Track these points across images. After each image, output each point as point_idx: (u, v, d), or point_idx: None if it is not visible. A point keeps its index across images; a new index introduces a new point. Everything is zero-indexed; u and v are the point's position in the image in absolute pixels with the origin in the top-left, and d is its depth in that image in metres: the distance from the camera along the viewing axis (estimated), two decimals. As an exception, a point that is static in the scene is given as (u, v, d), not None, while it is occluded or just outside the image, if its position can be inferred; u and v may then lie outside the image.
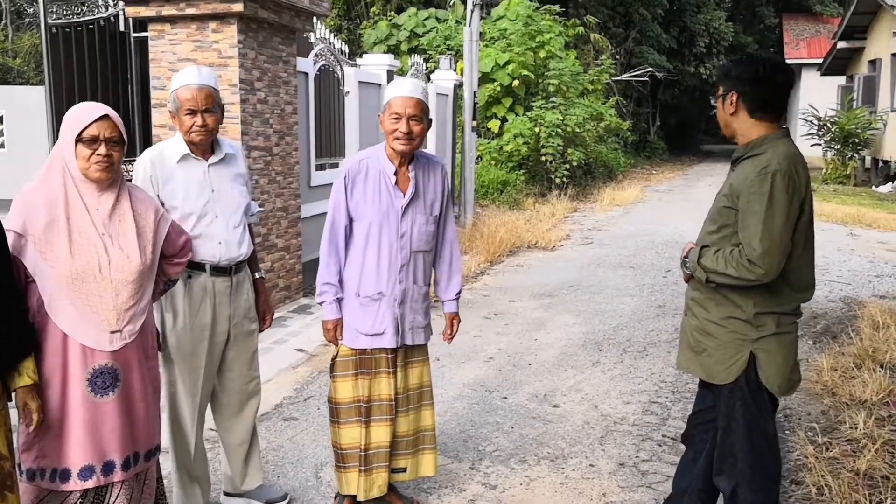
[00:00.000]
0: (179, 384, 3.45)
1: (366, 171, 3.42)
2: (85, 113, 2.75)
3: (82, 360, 2.70)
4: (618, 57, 25.71)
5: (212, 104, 3.32)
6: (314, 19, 7.76)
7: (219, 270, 3.43)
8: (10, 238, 2.62)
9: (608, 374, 5.82)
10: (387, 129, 3.36)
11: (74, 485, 2.69)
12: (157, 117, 6.69)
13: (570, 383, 5.61)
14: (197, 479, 3.59)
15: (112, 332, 2.75)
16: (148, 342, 2.98)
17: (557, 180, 16.83)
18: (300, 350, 6.28)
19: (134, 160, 3.13)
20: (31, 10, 24.90)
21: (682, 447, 3.45)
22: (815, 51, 30.51)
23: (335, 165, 9.37)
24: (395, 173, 3.41)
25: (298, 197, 7.65)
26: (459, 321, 3.77)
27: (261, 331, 3.73)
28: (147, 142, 6.93)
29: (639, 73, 26.13)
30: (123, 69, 7.01)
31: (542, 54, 17.67)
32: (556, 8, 19.47)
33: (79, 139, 2.71)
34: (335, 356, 3.55)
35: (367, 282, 3.44)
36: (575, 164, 17.15)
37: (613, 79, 23.22)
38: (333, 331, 3.51)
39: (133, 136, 7.02)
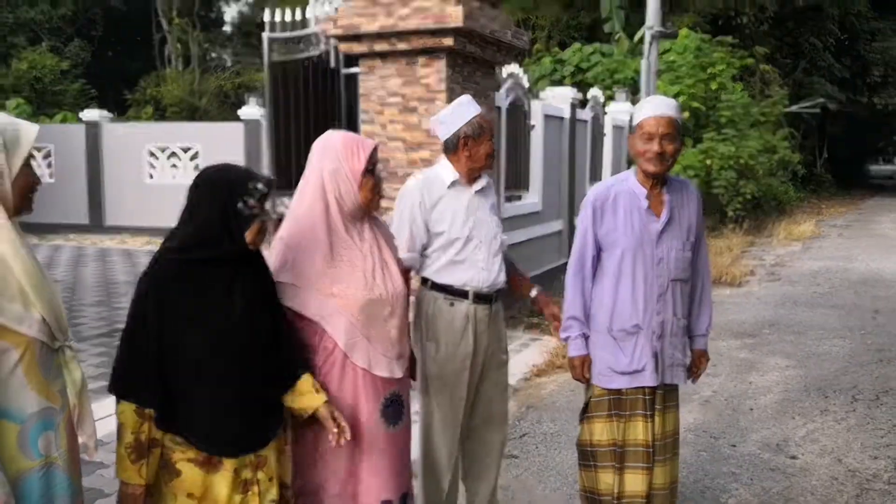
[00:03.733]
0: (436, 417, 3.37)
1: (615, 196, 3.20)
2: (361, 143, 2.71)
3: (375, 391, 2.67)
4: (785, 88, 24.62)
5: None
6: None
7: (480, 298, 3.36)
8: (283, 290, 2.56)
9: (842, 423, 5.38)
10: (638, 151, 3.13)
11: None
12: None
13: (801, 432, 5.22)
14: (445, 520, 3.49)
15: (397, 359, 2.73)
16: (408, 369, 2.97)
17: (731, 213, 16.17)
18: (504, 385, 6.16)
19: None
20: (214, 55, 26.64)
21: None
22: None
23: (519, 198, 9.31)
24: (648, 196, 3.17)
25: (493, 230, 7.60)
26: (708, 360, 3.48)
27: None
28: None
29: (810, 104, 24.90)
30: (332, 104, 7.21)
31: (714, 86, 17.11)
32: (730, 39, 18.84)
33: (367, 170, 2.68)
34: (590, 398, 3.34)
35: (622, 314, 3.19)
36: (748, 196, 16.44)
37: (785, 110, 22.22)
38: (580, 368, 3.30)
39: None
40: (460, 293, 3.33)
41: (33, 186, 2.14)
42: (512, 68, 8.80)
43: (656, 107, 3.12)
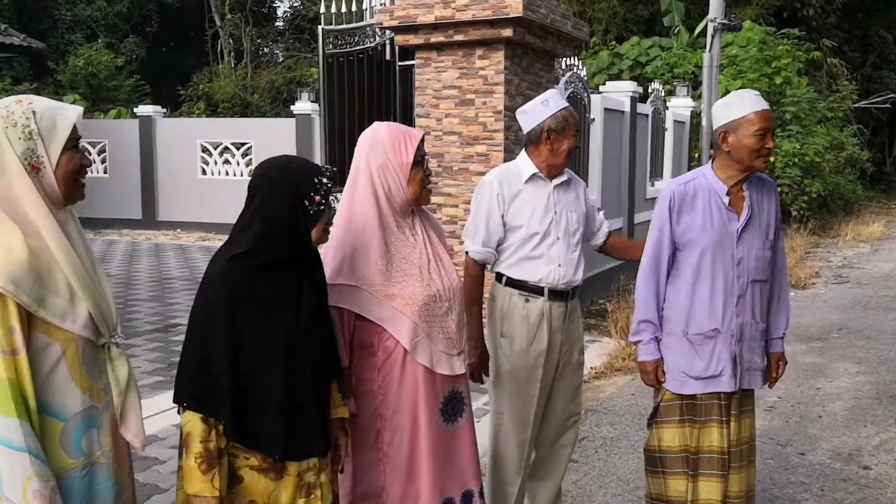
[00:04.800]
0: (508, 415, 3.27)
1: (693, 192, 3.02)
2: (408, 134, 2.59)
3: (434, 389, 2.57)
4: (854, 82, 23.84)
5: None
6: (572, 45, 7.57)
7: (556, 294, 3.25)
8: (343, 292, 2.47)
9: (919, 433, 5.11)
10: (748, 147, 2.90)
11: None
12: (420, 144, 6.73)
13: (874, 442, 4.96)
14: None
15: (458, 354, 2.63)
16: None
17: (795, 213, 15.69)
18: (560, 386, 6.01)
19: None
20: (266, 50, 26.89)
21: None
22: None
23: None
24: (728, 193, 3.00)
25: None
26: (786, 363, 3.28)
27: None
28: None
29: (880, 99, 24.05)
30: (387, 96, 7.13)
31: (779, 80, 16.60)
32: (796, 31, 18.26)
33: (415, 162, 2.56)
34: (659, 401, 3.19)
35: (699, 317, 3.02)
36: (814, 195, 15.93)
37: (853, 105, 21.49)
38: (654, 373, 3.12)
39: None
40: (535, 289, 3.24)
41: (81, 170, 2.02)
42: (570, 61, 8.61)
43: (759, 102, 2.94)
